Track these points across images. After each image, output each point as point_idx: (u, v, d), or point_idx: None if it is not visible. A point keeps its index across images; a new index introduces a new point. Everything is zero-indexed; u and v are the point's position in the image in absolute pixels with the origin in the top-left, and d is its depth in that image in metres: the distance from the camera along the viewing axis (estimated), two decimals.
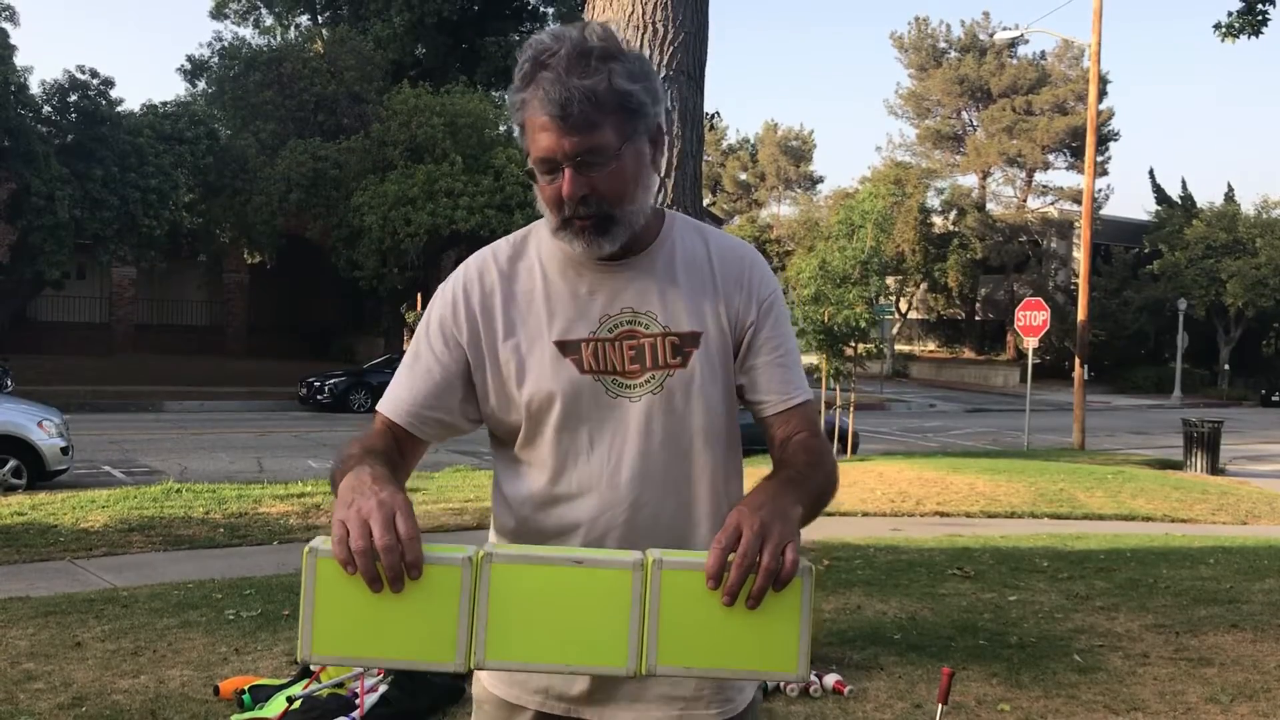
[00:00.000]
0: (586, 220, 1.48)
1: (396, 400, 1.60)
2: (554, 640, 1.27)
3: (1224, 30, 10.44)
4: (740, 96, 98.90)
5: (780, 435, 1.58)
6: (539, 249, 1.60)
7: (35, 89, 23.77)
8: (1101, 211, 40.44)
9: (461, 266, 1.64)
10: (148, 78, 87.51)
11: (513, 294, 1.58)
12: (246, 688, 4.08)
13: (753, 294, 1.62)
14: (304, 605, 1.25)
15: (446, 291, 1.61)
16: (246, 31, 34.32)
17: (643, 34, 4.26)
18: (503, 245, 1.64)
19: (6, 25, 22.82)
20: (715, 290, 1.60)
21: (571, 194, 1.45)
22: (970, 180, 47.02)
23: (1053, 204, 46.08)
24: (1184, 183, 59.32)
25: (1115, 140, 45.62)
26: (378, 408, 1.62)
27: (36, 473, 10.79)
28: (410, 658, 1.26)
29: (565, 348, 1.55)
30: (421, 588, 1.25)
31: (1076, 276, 29.50)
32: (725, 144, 57.47)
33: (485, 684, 1.67)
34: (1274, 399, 37.81)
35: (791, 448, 1.56)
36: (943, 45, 47.41)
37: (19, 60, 22.89)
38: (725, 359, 1.60)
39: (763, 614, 1.27)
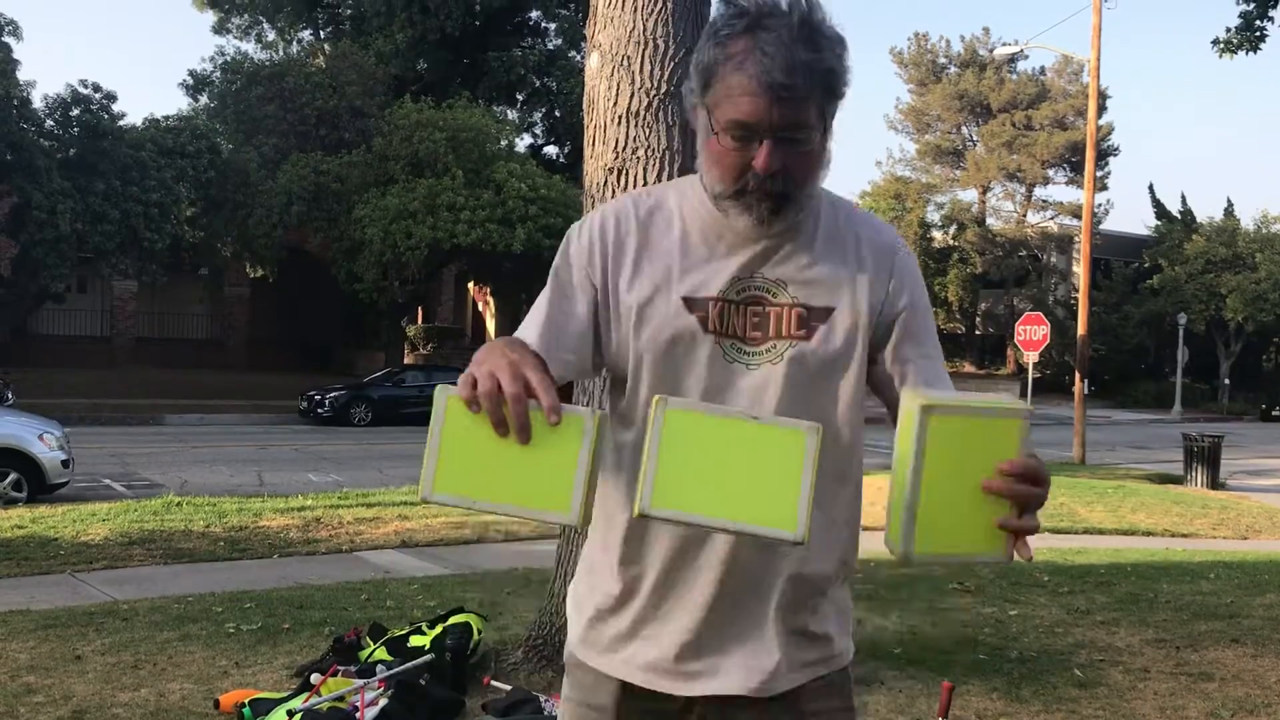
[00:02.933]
0: (768, 196, 1.42)
1: (529, 339, 1.53)
2: (723, 496, 1.25)
3: (1223, 46, 10.50)
4: None
5: None
6: (680, 204, 1.55)
7: (38, 103, 23.90)
8: (1101, 226, 40.51)
9: (598, 210, 1.59)
10: (150, 92, 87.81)
11: (648, 243, 1.53)
12: (247, 701, 4.07)
13: (904, 283, 1.56)
14: (430, 444, 1.26)
15: (583, 233, 1.56)
16: (249, 46, 34.52)
17: (644, 50, 4.29)
18: (642, 196, 1.59)
19: (10, 39, 22.94)
20: (858, 271, 1.54)
21: (768, 165, 1.39)
22: (970, 195, 47.14)
23: (1052, 219, 46.17)
24: (1184, 197, 59.43)
25: (1115, 155, 45.76)
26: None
27: (37, 486, 10.78)
28: (526, 504, 1.26)
29: (692, 304, 1.50)
30: (545, 437, 1.26)
31: (1076, 291, 29.53)
32: None
33: (576, 652, 1.64)
34: (1274, 414, 37.79)
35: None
36: (942, 61, 47.57)
37: (22, 74, 23.03)
38: (856, 342, 1.53)
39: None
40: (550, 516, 1.27)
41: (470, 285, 36.69)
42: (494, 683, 4.38)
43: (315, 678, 4.22)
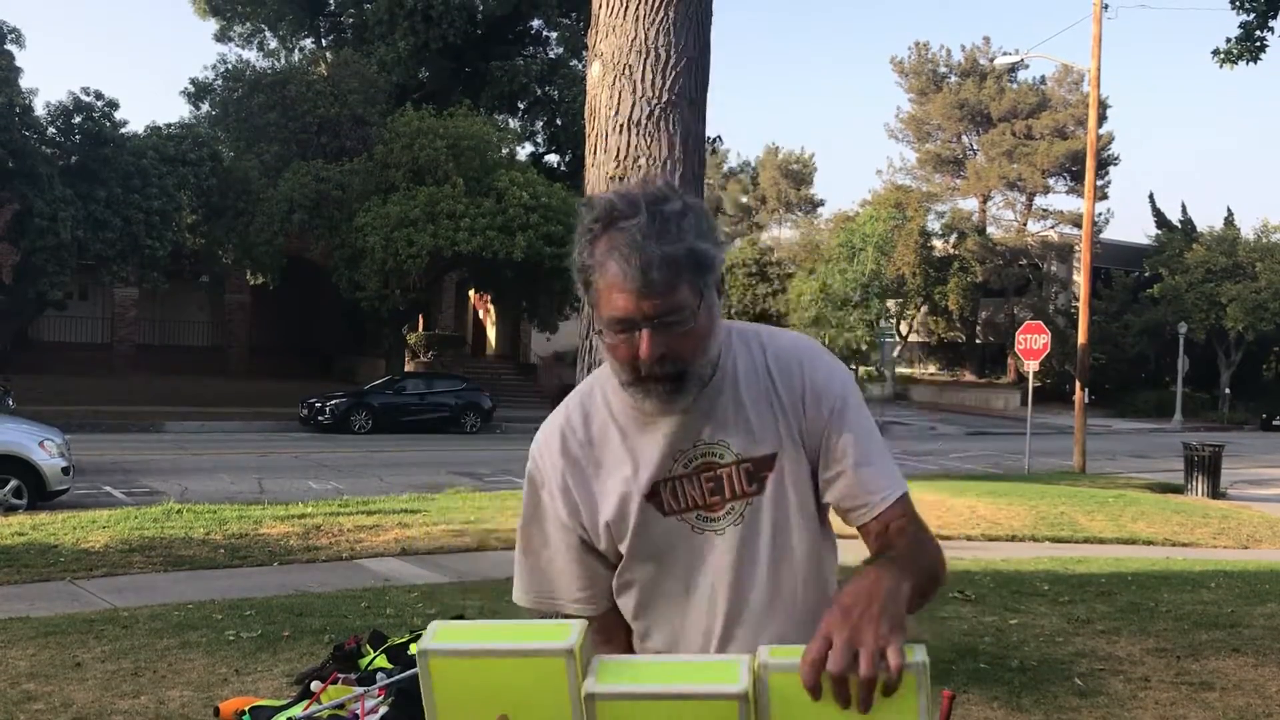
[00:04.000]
0: (662, 379, 1.46)
1: (569, 597, 1.60)
2: None
3: (1223, 57, 10.50)
4: (741, 120, 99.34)
5: (875, 539, 1.53)
6: (608, 403, 1.59)
7: (40, 110, 23.94)
8: (1102, 235, 40.54)
9: (545, 442, 1.62)
10: (152, 100, 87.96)
11: (598, 461, 1.58)
12: (246, 709, 4.06)
13: (820, 399, 1.56)
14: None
15: (546, 476, 1.60)
16: (251, 54, 34.55)
17: (645, 59, 4.30)
18: (574, 412, 1.61)
19: (12, 47, 22.99)
20: (780, 405, 1.56)
21: (650, 354, 1.43)
22: (970, 204, 47.19)
23: (1053, 228, 46.23)
24: (1184, 207, 59.47)
25: (1115, 164, 45.79)
26: (538, 606, 1.63)
27: (37, 493, 10.79)
28: None
29: (649, 494, 1.55)
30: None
31: (1077, 300, 29.53)
32: (726, 167, 57.66)
33: None
34: (1275, 423, 37.78)
35: (890, 534, 1.51)
36: (943, 70, 47.65)
37: (24, 82, 23.08)
38: (803, 475, 1.56)
39: (878, 715, 1.19)
40: None
41: (471, 293, 36.71)
42: None
43: (315, 685, 4.21)
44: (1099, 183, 38.74)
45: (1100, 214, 43.18)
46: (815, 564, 1.60)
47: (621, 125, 4.32)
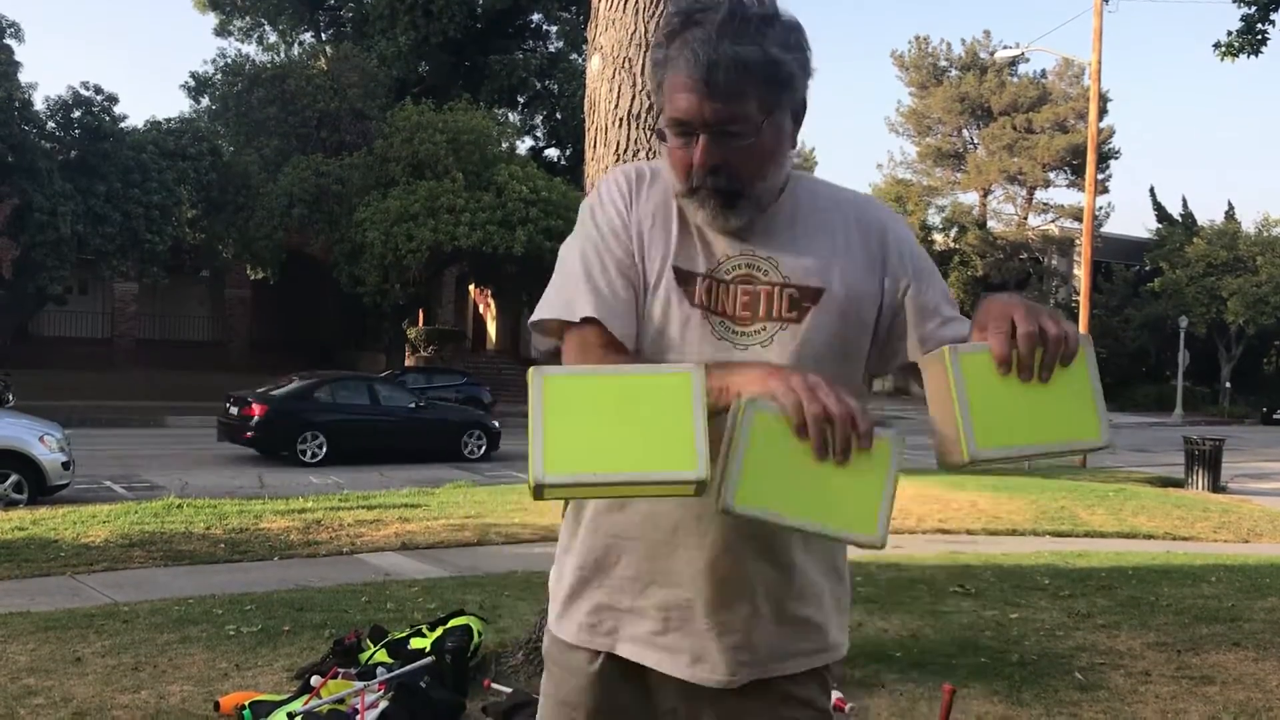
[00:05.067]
0: (715, 193, 1.41)
1: (596, 305, 1.45)
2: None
3: (1224, 49, 10.47)
4: None
5: None
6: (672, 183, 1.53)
7: (39, 105, 23.94)
8: (1102, 229, 40.53)
9: (611, 175, 1.56)
10: (151, 94, 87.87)
11: (652, 206, 1.51)
12: (247, 704, 4.07)
13: (903, 258, 1.52)
14: (734, 454, 1.24)
15: (607, 204, 1.52)
16: (250, 48, 34.55)
17: (645, 52, 4.29)
18: (644, 167, 1.56)
19: (11, 42, 22.97)
20: (847, 252, 1.50)
21: (704, 162, 1.38)
22: (971, 198, 47.14)
23: (1053, 221, 46.18)
24: (1184, 200, 59.46)
25: (1116, 158, 45.76)
26: (566, 316, 1.47)
27: (38, 487, 10.79)
28: (831, 524, 1.27)
29: (681, 277, 1.48)
30: (854, 459, 1.29)
31: (1077, 294, 29.52)
32: None
33: (555, 632, 1.61)
34: (1275, 417, 37.78)
35: None
36: (943, 64, 47.59)
37: (23, 76, 23.08)
38: (850, 323, 1.50)
39: (1056, 387, 1.29)
40: (856, 538, 1.28)
41: (471, 287, 36.69)
42: (494, 685, 4.37)
43: (315, 680, 4.22)
44: (1099, 176, 38.74)
45: (1101, 208, 43.15)
46: None
47: (621, 119, 4.31)
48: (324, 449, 16.45)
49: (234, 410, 16.87)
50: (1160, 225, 43.94)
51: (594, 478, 1.22)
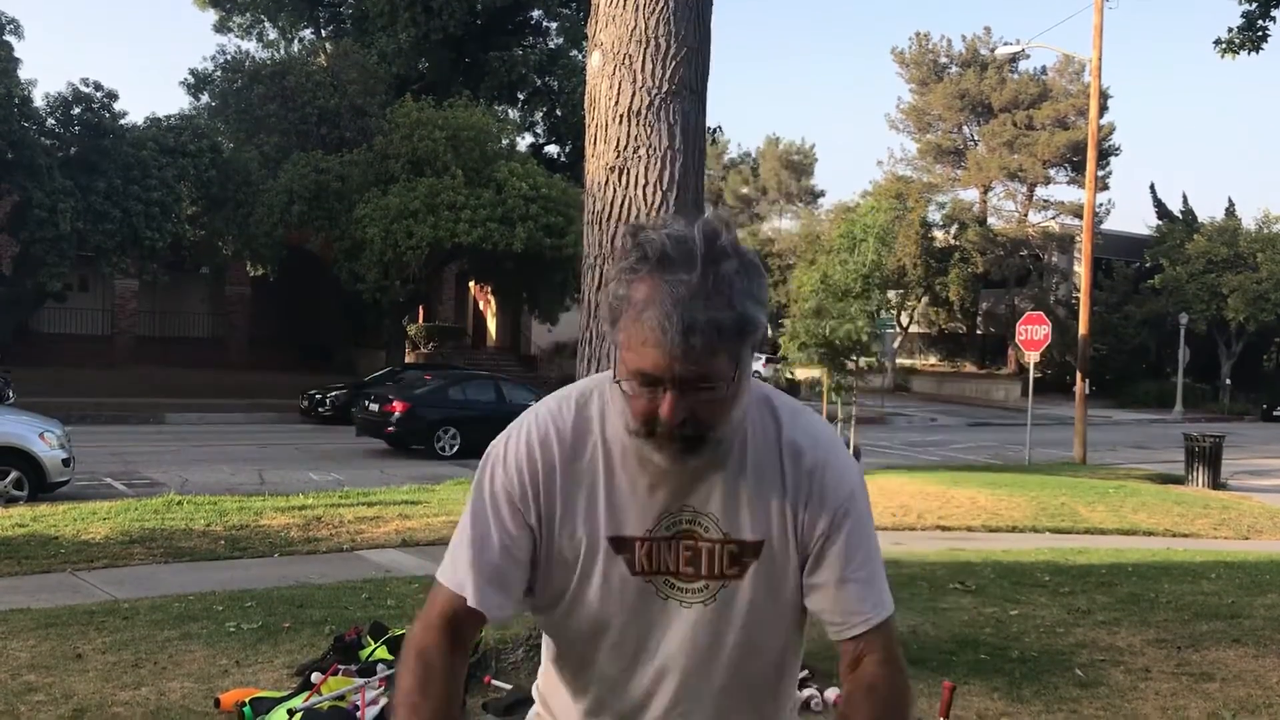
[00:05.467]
0: (676, 440, 1.36)
1: (466, 580, 1.46)
2: None
3: (1224, 46, 10.47)
4: (742, 111, 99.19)
5: (848, 662, 1.47)
6: (603, 426, 1.47)
7: (39, 102, 23.90)
8: (1103, 226, 40.47)
9: (524, 432, 1.49)
10: (151, 91, 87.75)
11: (572, 477, 1.46)
12: (247, 700, 4.07)
13: (824, 501, 1.46)
14: None
15: (510, 460, 1.48)
16: (250, 45, 34.48)
17: (645, 49, 4.29)
18: (566, 414, 1.49)
19: (11, 38, 22.94)
20: (784, 492, 1.46)
21: (673, 417, 1.33)
22: (971, 195, 47.10)
23: (1054, 218, 46.13)
24: (1185, 197, 59.44)
25: (1116, 155, 45.70)
26: (442, 580, 1.49)
27: (38, 484, 10.78)
28: None
29: (619, 544, 1.45)
30: None
31: (1078, 291, 29.52)
32: (727, 158, 57.59)
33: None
34: (1275, 414, 37.77)
35: (856, 698, 1.44)
36: (944, 60, 47.53)
37: (23, 73, 23.03)
38: (789, 570, 1.48)
39: None
40: None
41: (471, 284, 36.68)
42: (494, 682, 4.38)
43: (316, 677, 4.22)
44: (1100, 173, 38.69)
45: (1101, 204, 43.07)
46: (783, 662, 1.55)
47: (622, 115, 4.30)
48: (457, 442, 17.64)
49: (374, 407, 18.19)
50: (1161, 222, 43.91)
51: None
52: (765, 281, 1.39)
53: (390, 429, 17.55)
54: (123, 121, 24.54)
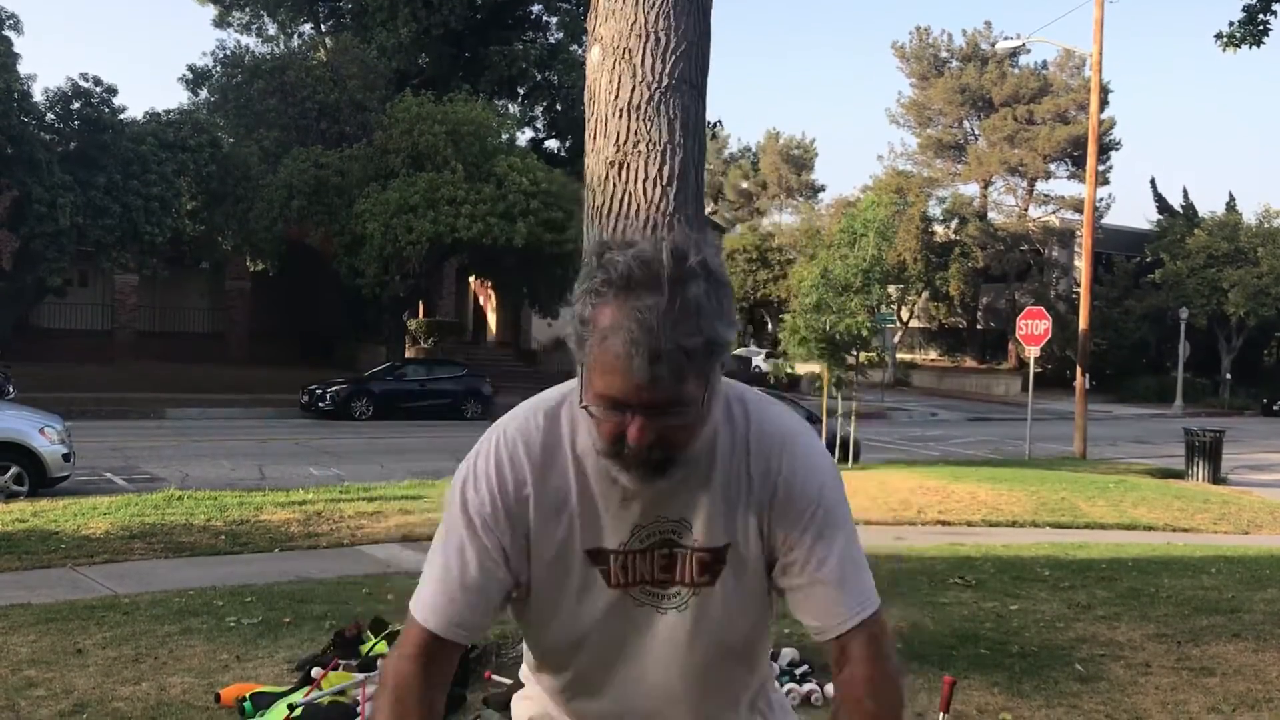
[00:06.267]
0: (643, 463, 1.34)
1: (438, 610, 1.45)
2: None
3: (1225, 40, 10.45)
4: (742, 105, 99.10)
5: (834, 659, 1.47)
6: (572, 440, 1.45)
7: (39, 96, 23.87)
8: (1103, 220, 40.44)
9: (494, 448, 1.47)
10: (151, 86, 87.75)
11: (545, 493, 1.44)
12: (248, 695, 4.07)
13: (791, 500, 1.45)
14: None
15: (480, 479, 1.46)
16: (249, 40, 34.44)
17: (645, 43, 4.28)
18: (534, 431, 1.46)
19: (10, 33, 22.91)
20: (748, 490, 1.45)
21: (641, 442, 1.31)
22: (972, 189, 47.08)
23: (1054, 213, 46.11)
24: (1185, 192, 59.47)
25: (1117, 149, 45.68)
26: (414, 613, 1.48)
27: (38, 479, 10.79)
28: None
29: (595, 556, 1.46)
30: None
31: (1078, 285, 29.50)
32: (727, 153, 57.57)
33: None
34: (1276, 408, 37.78)
35: (848, 705, 1.44)
36: (944, 55, 47.47)
37: (22, 68, 22.99)
38: (758, 568, 1.48)
39: None
40: None
41: (471, 279, 36.66)
42: (495, 677, 4.38)
43: (316, 672, 4.22)
44: (1100, 168, 38.64)
45: (1101, 199, 43.09)
46: (755, 651, 1.57)
47: (621, 110, 4.29)
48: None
49: None
50: (1161, 216, 43.87)
51: None
52: (730, 292, 1.35)
53: None
54: (122, 117, 24.51)
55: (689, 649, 1.49)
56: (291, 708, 3.86)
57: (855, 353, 15.41)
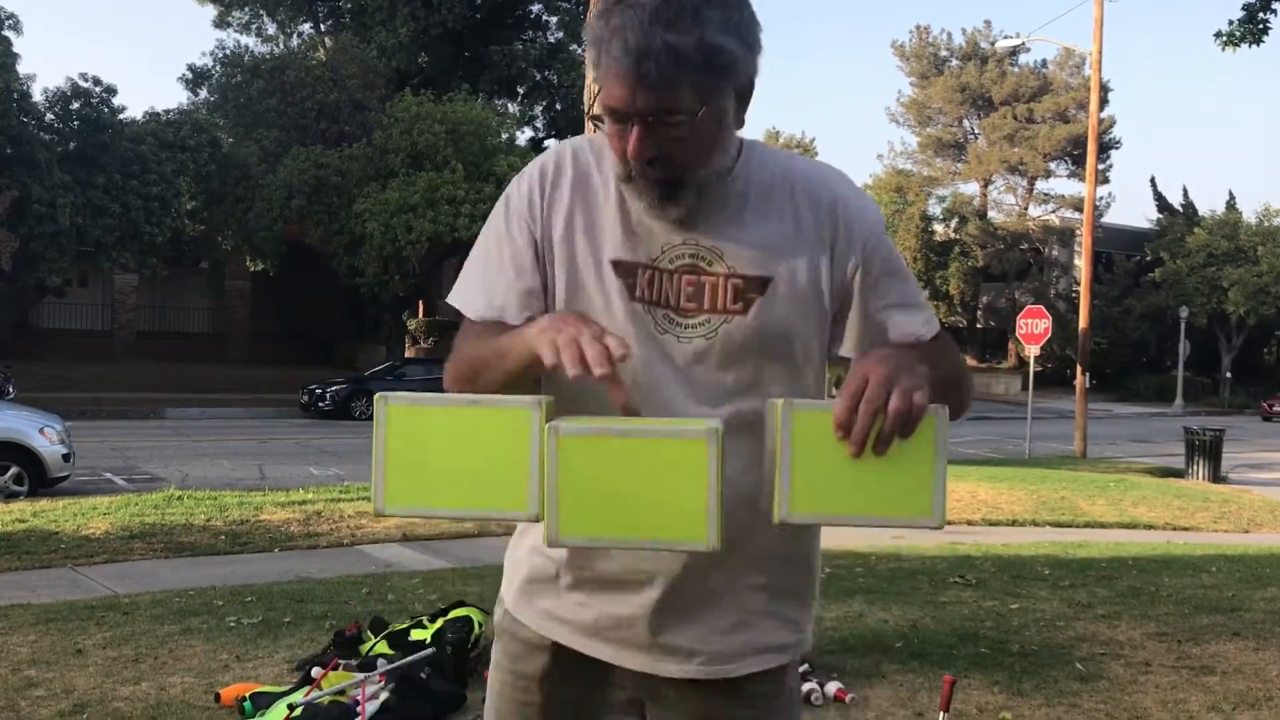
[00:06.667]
0: (654, 182, 1.35)
1: (480, 295, 1.49)
2: (630, 514, 1.21)
3: (1225, 39, 10.43)
4: None
5: None
6: (610, 164, 1.45)
7: (38, 96, 23.89)
8: (1103, 219, 40.46)
9: (541, 156, 1.51)
10: (150, 86, 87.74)
11: (584, 197, 1.45)
12: (248, 695, 4.07)
13: (851, 235, 1.44)
14: (780, 461, 1.22)
15: (524, 180, 1.49)
16: (249, 40, 34.47)
17: None
18: (584, 145, 1.49)
19: (10, 33, 22.92)
20: (797, 227, 1.44)
21: (637, 153, 1.32)
22: (972, 188, 47.09)
23: (1054, 212, 46.13)
24: (1185, 191, 59.53)
25: (1117, 148, 45.68)
26: (456, 305, 1.52)
27: (38, 479, 10.78)
28: (888, 513, 1.24)
29: (620, 268, 1.43)
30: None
31: (1078, 284, 29.50)
32: None
33: (511, 610, 1.58)
34: (1275, 410, 37.79)
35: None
36: (944, 54, 47.49)
37: (22, 68, 23.02)
38: (799, 313, 1.44)
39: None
40: (915, 523, 1.25)
41: None
42: None
43: (316, 671, 4.22)
44: (1100, 167, 38.65)
45: (1101, 198, 43.10)
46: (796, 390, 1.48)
47: None
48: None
49: None
50: (1161, 215, 43.90)
51: (432, 511, 1.26)
52: (747, 16, 1.35)
53: None
54: (122, 116, 24.52)
55: (711, 381, 1.43)
56: (291, 708, 3.86)
57: None
